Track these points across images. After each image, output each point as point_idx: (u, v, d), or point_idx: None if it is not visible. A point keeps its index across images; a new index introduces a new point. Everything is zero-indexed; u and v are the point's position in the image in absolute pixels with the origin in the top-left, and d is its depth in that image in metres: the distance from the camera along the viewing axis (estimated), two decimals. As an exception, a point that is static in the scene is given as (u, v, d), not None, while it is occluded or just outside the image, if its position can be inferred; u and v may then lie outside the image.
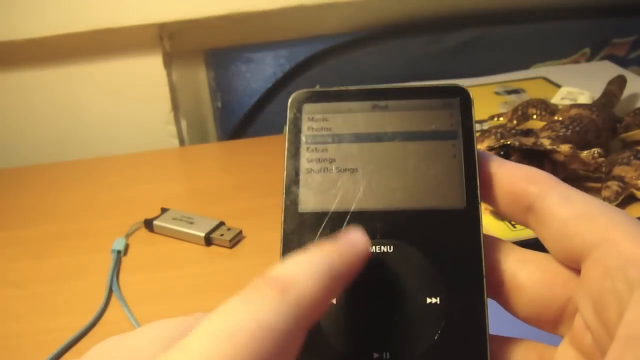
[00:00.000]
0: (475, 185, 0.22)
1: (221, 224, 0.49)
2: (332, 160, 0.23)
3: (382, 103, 0.23)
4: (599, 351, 0.18)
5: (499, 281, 0.21)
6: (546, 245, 0.21)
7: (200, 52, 0.68)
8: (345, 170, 0.22)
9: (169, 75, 0.67)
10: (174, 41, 0.66)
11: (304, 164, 0.23)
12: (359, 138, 0.23)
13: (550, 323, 0.21)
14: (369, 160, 0.23)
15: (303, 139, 0.23)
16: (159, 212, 0.51)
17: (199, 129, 0.72)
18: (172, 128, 0.69)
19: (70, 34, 0.61)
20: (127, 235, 0.49)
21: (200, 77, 0.69)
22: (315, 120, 0.24)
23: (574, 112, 0.52)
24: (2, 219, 0.54)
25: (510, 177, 0.22)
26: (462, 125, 0.23)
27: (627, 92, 0.60)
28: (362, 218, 0.22)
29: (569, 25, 0.72)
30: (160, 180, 0.59)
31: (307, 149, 0.23)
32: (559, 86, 0.65)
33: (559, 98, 0.62)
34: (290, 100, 0.24)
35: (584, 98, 0.61)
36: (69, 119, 0.67)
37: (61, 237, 0.51)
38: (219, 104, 0.69)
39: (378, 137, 0.23)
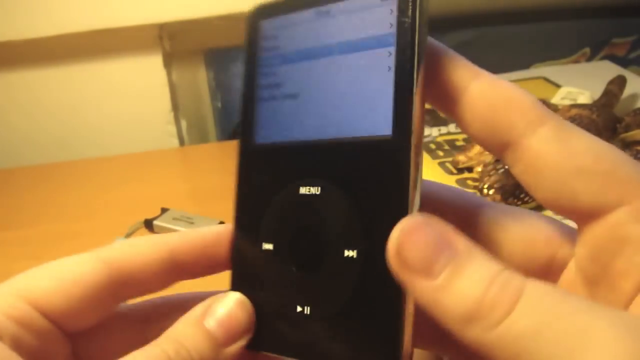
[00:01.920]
0: (405, 107, 0.17)
1: (221, 224, 0.49)
2: (278, 86, 0.20)
3: (324, 8, 0.20)
4: None
5: (477, 239, 0.19)
6: (532, 193, 0.17)
7: (200, 52, 0.68)
8: (288, 96, 0.20)
9: (169, 75, 0.67)
10: (174, 41, 0.66)
11: (256, 93, 0.21)
12: (301, 55, 0.20)
13: None
14: (308, 83, 0.20)
15: (256, 63, 0.21)
16: (159, 212, 0.51)
17: (199, 129, 0.72)
18: (172, 128, 0.69)
19: (70, 34, 0.61)
20: (127, 235, 0.49)
21: (200, 77, 0.69)
22: (268, 39, 0.21)
23: (574, 112, 0.52)
24: (2, 219, 0.54)
25: (486, 97, 0.17)
26: (398, 24, 0.18)
27: (627, 92, 0.60)
28: (296, 152, 0.20)
29: (569, 25, 0.72)
30: (160, 180, 0.59)
31: (259, 74, 0.21)
32: (559, 86, 0.65)
33: (559, 98, 0.62)
34: (247, 17, 0.21)
35: (584, 98, 0.61)
36: (69, 119, 0.67)
37: (61, 237, 0.51)
38: (219, 104, 0.69)
39: (318, 53, 0.20)
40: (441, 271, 0.15)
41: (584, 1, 0.71)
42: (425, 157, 0.52)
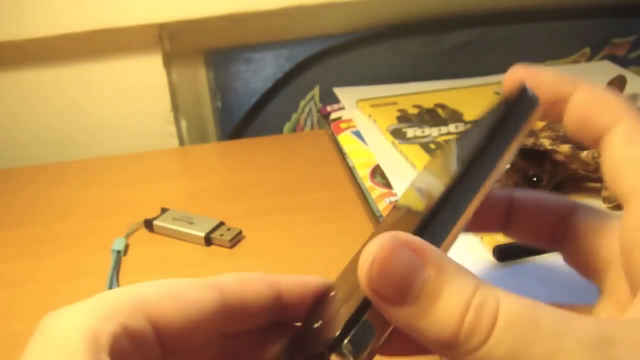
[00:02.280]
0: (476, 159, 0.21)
1: (221, 224, 0.49)
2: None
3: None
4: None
5: (575, 243, 0.21)
6: (606, 183, 0.20)
7: (200, 52, 0.68)
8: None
9: (169, 75, 0.67)
10: (174, 41, 0.66)
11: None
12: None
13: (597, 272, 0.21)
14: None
15: None
16: (159, 212, 0.51)
17: (199, 129, 0.72)
18: (172, 128, 0.69)
19: (69, 34, 0.60)
20: (127, 235, 0.49)
21: (200, 77, 0.69)
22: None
23: (574, 112, 0.52)
24: (2, 219, 0.54)
25: (581, 103, 0.21)
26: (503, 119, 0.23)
27: (627, 92, 0.60)
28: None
29: (569, 25, 0.72)
30: (160, 180, 0.59)
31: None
32: (559, 86, 0.65)
33: (559, 98, 0.62)
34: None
35: (584, 98, 0.61)
36: (68, 119, 0.67)
37: (61, 237, 0.51)
38: (219, 104, 0.69)
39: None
40: (415, 298, 0.16)
41: (584, 1, 0.71)
42: (426, 157, 0.52)
